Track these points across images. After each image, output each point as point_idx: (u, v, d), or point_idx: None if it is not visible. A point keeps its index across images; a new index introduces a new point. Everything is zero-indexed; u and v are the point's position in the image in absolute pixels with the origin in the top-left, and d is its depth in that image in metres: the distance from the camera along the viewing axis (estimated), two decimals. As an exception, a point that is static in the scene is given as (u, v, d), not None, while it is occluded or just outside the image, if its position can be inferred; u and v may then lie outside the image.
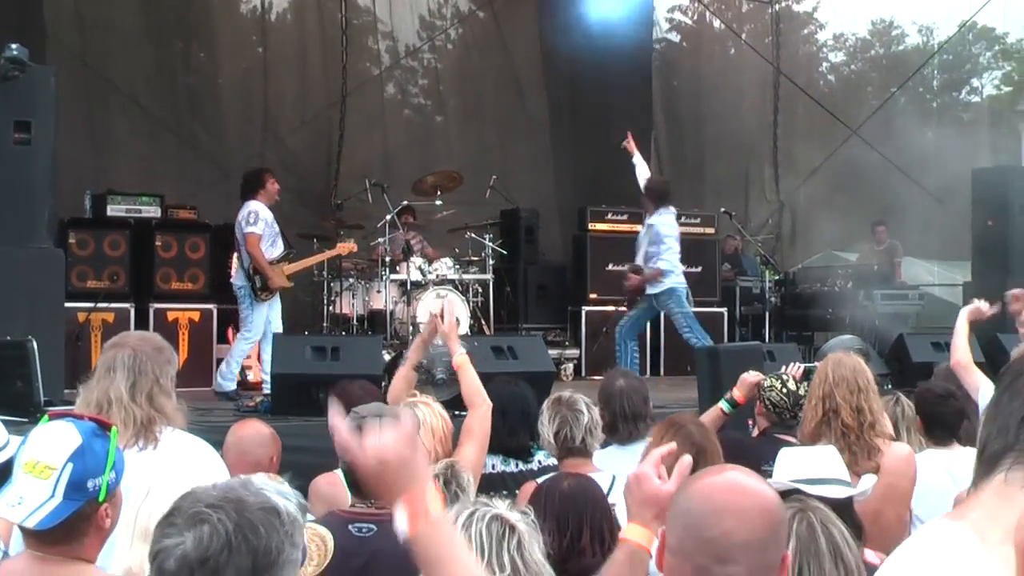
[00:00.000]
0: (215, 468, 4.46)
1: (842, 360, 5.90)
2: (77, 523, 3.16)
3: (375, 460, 2.34)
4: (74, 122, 14.13)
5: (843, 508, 3.89)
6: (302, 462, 6.01)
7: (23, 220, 9.55)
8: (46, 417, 3.38)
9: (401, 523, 2.32)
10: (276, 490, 2.51)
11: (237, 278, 11.73)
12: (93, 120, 15.22)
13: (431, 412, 5.34)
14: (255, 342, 11.75)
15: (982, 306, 7.22)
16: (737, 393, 6.62)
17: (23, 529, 3.21)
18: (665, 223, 12.29)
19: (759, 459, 4.83)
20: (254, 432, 5.46)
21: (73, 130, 13.88)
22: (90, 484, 3.15)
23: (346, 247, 12.50)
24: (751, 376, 6.59)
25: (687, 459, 2.79)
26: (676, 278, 12.24)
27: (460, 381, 5.84)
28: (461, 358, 5.94)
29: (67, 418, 3.34)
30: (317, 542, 3.74)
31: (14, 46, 8.48)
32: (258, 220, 11.54)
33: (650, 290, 12.11)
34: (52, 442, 3.20)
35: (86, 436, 3.21)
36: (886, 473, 5.43)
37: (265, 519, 2.39)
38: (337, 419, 2.66)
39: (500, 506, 3.29)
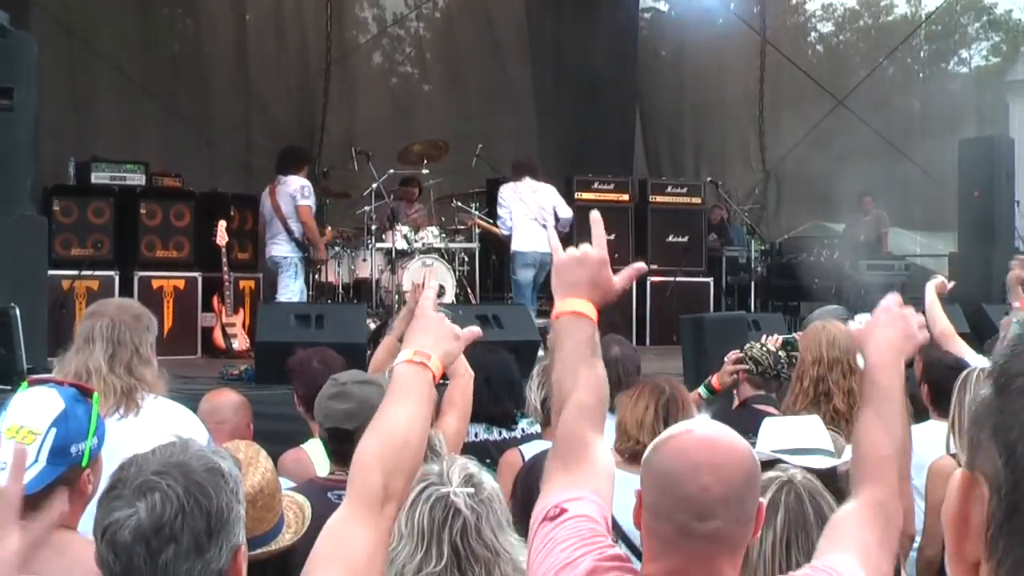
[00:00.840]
0: (197, 434, 4.43)
1: (836, 339, 5.80)
2: (60, 488, 3.14)
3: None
4: (58, 89, 14.06)
5: (828, 478, 3.88)
6: (284, 430, 6.02)
7: (5, 187, 9.49)
8: (25, 383, 3.35)
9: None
10: (212, 450, 2.52)
11: (278, 249, 12.05)
12: (76, 87, 15.16)
13: None
14: None
15: (945, 281, 7.30)
16: (715, 380, 6.58)
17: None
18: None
19: (741, 430, 4.81)
20: (229, 400, 5.45)
21: (57, 97, 13.80)
22: (73, 449, 3.13)
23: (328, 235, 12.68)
24: (733, 355, 6.54)
25: (595, 214, 2.85)
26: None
27: None
28: None
29: (49, 384, 3.32)
30: (295, 509, 3.73)
31: (-3, 12, 8.42)
32: (311, 194, 11.97)
33: None
34: (35, 407, 3.18)
35: (68, 401, 3.19)
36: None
37: (212, 480, 2.40)
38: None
39: (457, 479, 3.26)
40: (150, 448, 3.34)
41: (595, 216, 2.83)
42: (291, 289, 12.03)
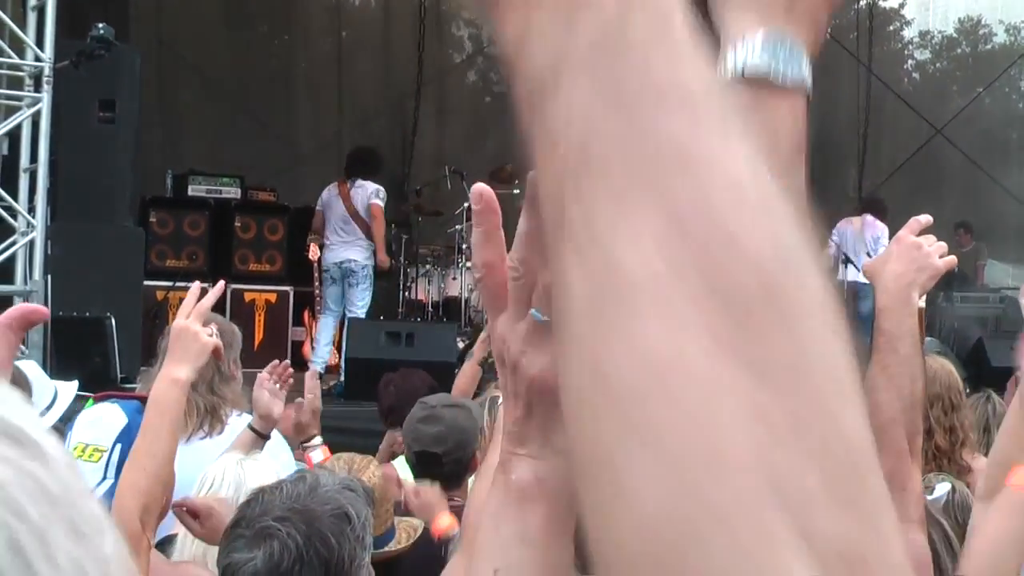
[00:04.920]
0: (280, 451, 4.44)
1: (937, 374, 5.60)
2: None
3: None
4: (156, 102, 14.19)
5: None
6: (372, 446, 5.97)
7: (106, 198, 9.62)
8: (91, 401, 3.34)
9: None
10: (343, 485, 2.43)
11: (357, 253, 11.67)
12: (173, 102, 15.32)
13: None
14: None
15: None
16: None
17: None
18: None
19: None
20: None
21: (155, 110, 13.94)
22: None
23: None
24: None
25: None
26: None
27: None
28: None
29: (111, 399, 3.30)
30: (408, 531, 3.69)
31: (100, 25, 8.49)
32: (385, 196, 11.65)
33: None
34: (98, 425, 3.18)
35: (131, 415, 3.18)
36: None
37: (336, 527, 2.34)
38: None
39: None
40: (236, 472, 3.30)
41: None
42: (366, 300, 11.73)
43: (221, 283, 3.43)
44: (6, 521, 0.47)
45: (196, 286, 3.17)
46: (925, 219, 2.69)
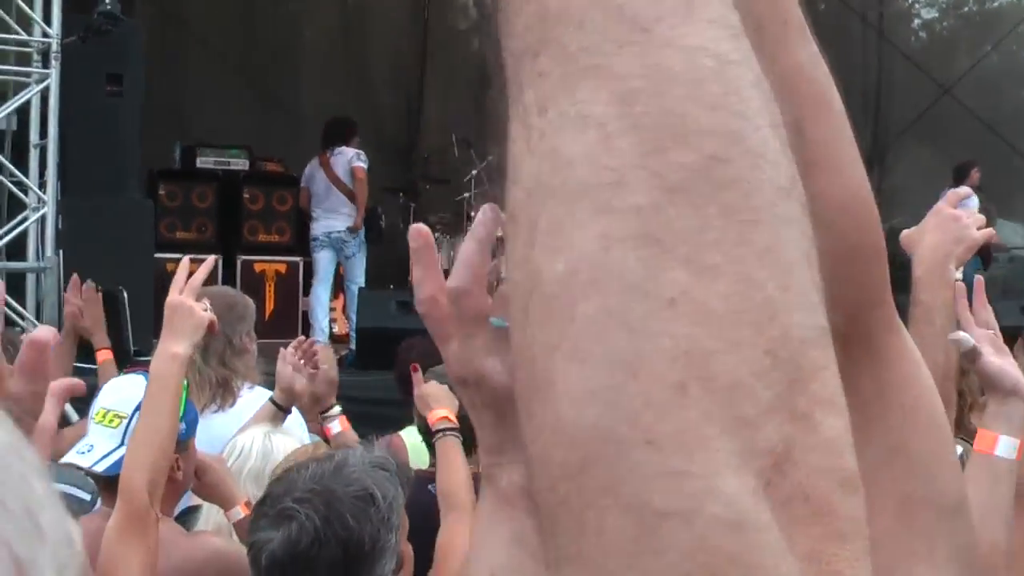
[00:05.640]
0: (292, 422, 4.47)
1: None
2: None
3: None
4: (161, 75, 14.19)
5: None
6: (382, 414, 6.03)
7: (114, 172, 9.65)
8: (122, 372, 3.42)
9: None
10: (372, 464, 2.46)
11: (342, 222, 11.74)
12: (180, 74, 15.29)
13: None
14: None
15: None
16: None
17: (95, 479, 3.22)
18: None
19: None
20: None
21: (161, 83, 13.95)
22: None
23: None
24: None
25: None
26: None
27: None
28: None
29: (139, 371, 3.37)
30: None
31: (108, 1, 8.52)
32: (366, 160, 11.69)
33: None
34: (122, 392, 3.24)
35: None
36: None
37: (357, 508, 2.35)
38: None
39: None
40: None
41: None
42: (362, 267, 11.84)
43: (211, 258, 3.51)
44: None
45: (186, 260, 3.22)
46: (965, 190, 2.69)
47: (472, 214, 12.63)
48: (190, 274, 3.10)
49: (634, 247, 0.54)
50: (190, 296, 3.00)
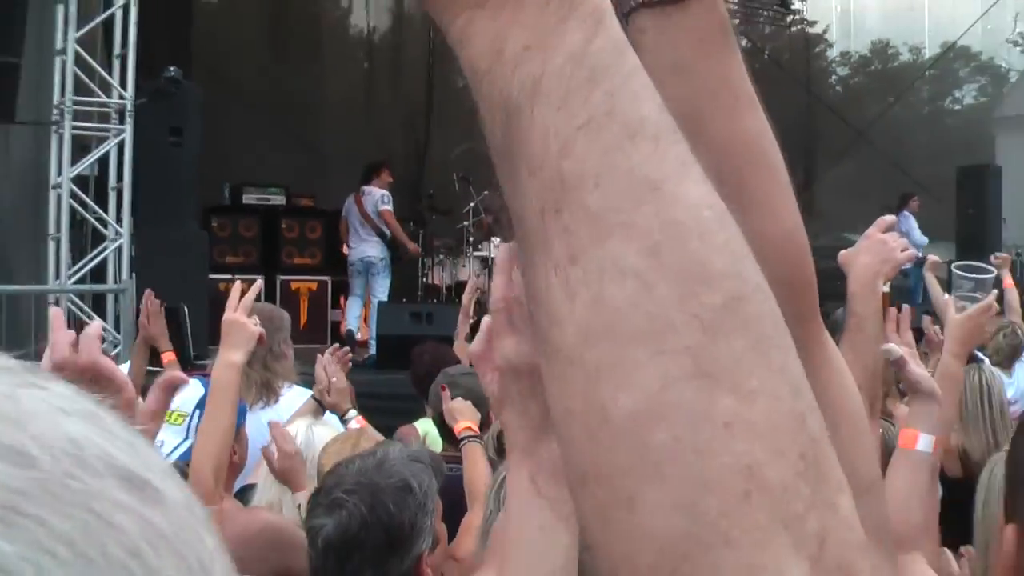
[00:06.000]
0: (330, 415, 4.48)
1: None
2: None
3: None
4: (212, 126, 14.16)
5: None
6: (400, 408, 6.04)
7: (176, 208, 9.63)
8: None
9: None
10: (410, 457, 2.46)
11: (374, 250, 11.71)
12: (226, 123, 15.24)
13: None
14: None
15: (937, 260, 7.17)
16: None
17: None
18: None
19: None
20: None
21: (211, 132, 13.93)
22: None
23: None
24: None
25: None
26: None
27: None
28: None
29: (196, 376, 3.41)
30: None
31: (172, 68, 8.53)
32: (390, 200, 11.68)
33: None
34: (183, 395, 3.26)
35: (208, 387, 3.25)
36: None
37: (398, 497, 2.35)
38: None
39: None
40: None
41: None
42: (386, 286, 11.85)
43: (259, 281, 3.51)
44: (125, 563, 0.45)
45: (238, 283, 3.25)
46: (890, 219, 2.71)
47: (470, 240, 12.66)
48: (241, 294, 3.14)
49: (690, 383, 0.55)
50: (243, 314, 3.02)
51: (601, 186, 0.58)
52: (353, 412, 4.70)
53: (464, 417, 3.91)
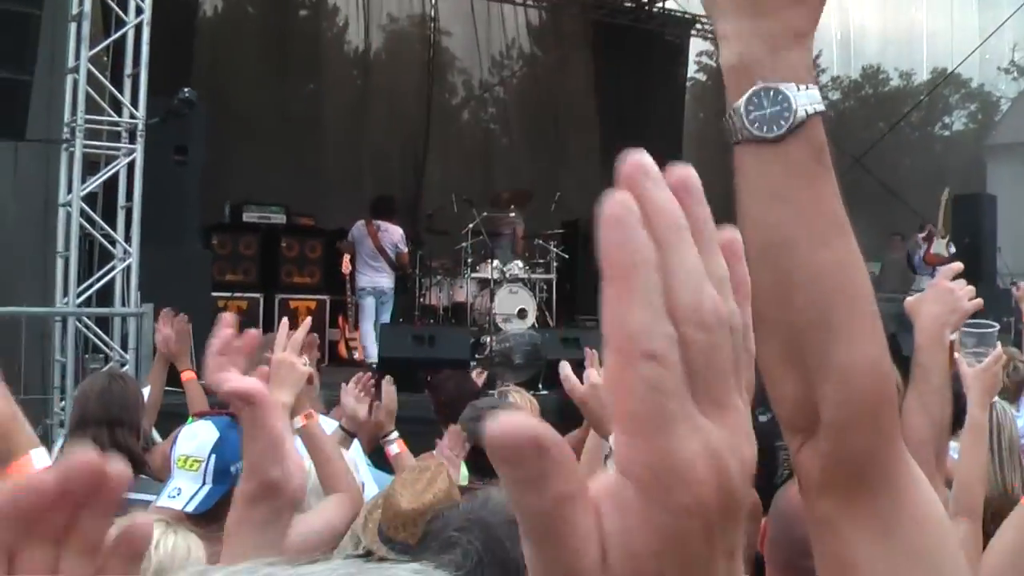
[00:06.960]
0: (355, 454, 4.51)
1: None
2: (228, 503, 3.19)
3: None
4: (214, 146, 14.18)
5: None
6: (403, 431, 6.08)
7: (179, 226, 9.66)
8: (191, 418, 3.43)
9: None
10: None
11: (386, 282, 12.44)
12: (227, 143, 15.27)
13: (521, 397, 5.33)
14: None
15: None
16: None
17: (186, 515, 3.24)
18: None
19: (772, 438, 4.69)
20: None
21: (212, 151, 13.93)
22: (232, 469, 3.11)
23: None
24: None
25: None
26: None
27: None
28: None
29: (206, 417, 3.37)
30: None
31: (186, 90, 8.56)
32: (407, 242, 12.42)
33: None
34: (197, 439, 3.24)
35: (222, 430, 3.23)
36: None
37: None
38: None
39: None
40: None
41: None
42: (390, 310, 12.49)
43: (308, 320, 3.37)
44: None
45: (285, 321, 3.17)
46: (957, 267, 2.67)
47: (469, 260, 12.69)
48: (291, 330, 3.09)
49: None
50: (293, 353, 2.96)
51: (840, 305, 1.09)
52: (395, 434, 4.74)
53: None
